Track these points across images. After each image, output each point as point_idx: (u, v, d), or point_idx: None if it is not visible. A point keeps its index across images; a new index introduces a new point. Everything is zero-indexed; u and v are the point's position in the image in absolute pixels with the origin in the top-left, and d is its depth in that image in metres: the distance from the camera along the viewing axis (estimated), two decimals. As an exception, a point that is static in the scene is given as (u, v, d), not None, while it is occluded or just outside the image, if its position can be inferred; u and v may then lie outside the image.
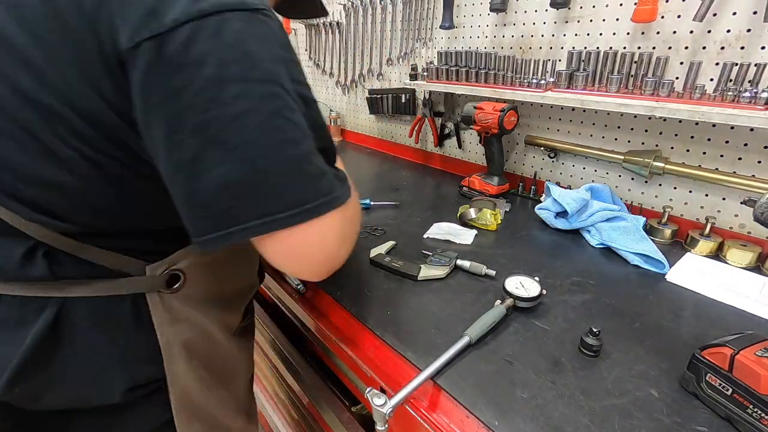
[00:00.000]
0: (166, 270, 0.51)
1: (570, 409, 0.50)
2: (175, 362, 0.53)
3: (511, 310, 0.67)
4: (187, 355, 0.55)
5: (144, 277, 0.50)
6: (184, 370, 0.55)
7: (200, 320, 0.57)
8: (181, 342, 0.54)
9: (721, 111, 0.75)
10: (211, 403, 0.60)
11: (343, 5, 1.67)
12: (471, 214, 1.00)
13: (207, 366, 0.59)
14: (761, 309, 0.69)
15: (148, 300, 0.50)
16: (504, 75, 1.10)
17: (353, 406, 0.87)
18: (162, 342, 0.52)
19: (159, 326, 0.51)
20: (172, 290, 0.52)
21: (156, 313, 0.51)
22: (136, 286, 0.49)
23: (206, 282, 0.56)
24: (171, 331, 0.52)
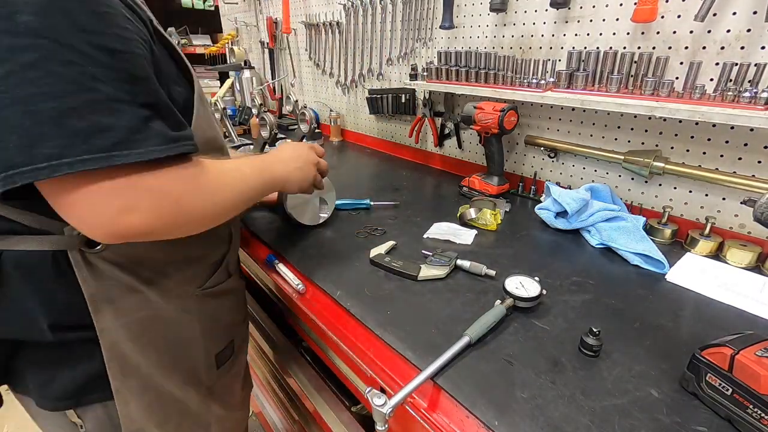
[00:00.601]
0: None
1: (570, 409, 0.50)
2: (102, 315, 0.58)
3: (511, 310, 0.67)
4: (113, 311, 0.59)
5: (63, 236, 0.54)
6: (112, 325, 0.59)
7: (128, 281, 0.60)
8: (107, 297, 0.58)
9: (721, 111, 0.75)
10: (150, 364, 0.64)
11: (343, 5, 1.67)
12: (471, 214, 1.00)
13: (142, 327, 0.62)
14: (761, 309, 0.69)
15: (70, 256, 0.55)
16: (504, 75, 1.10)
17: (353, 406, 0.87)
18: (87, 294, 0.56)
19: (83, 280, 0.56)
20: (93, 250, 0.56)
21: (78, 269, 0.55)
22: (57, 244, 0.54)
23: (130, 247, 0.59)
24: (95, 285, 0.57)
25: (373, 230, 0.97)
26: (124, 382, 0.62)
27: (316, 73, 2.02)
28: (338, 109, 2.00)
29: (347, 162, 1.65)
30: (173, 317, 0.66)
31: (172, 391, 0.68)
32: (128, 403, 0.63)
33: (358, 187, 1.32)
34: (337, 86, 1.89)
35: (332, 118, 1.96)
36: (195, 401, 0.72)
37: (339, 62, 1.84)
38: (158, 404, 0.66)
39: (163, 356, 0.66)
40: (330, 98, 2.02)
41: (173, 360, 0.67)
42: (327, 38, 1.85)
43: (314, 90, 2.12)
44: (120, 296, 0.59)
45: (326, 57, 1.91)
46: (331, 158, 1.71)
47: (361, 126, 1.89)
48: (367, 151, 1.78)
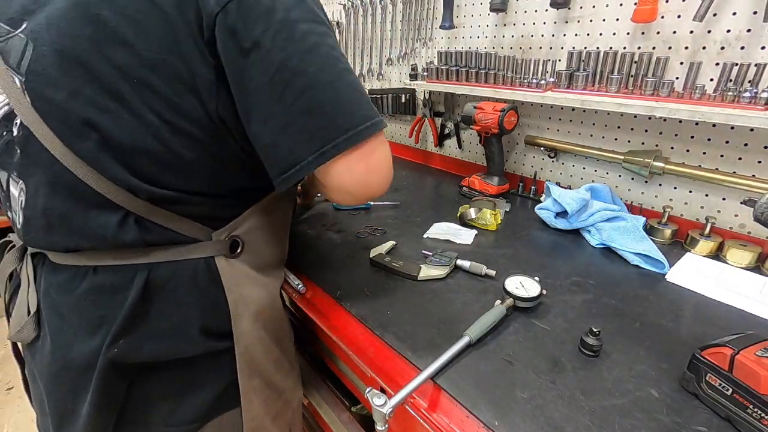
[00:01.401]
0: (227, 236, 0.59)
1: (570, 409, 0.50)
2: (242, 320, 0.60)
3: (511, 310, 0.67)
4: (251, 314, 0.61)
5: (211, 242, 0.57)
6: (248, 328, 0.61)
7: (263, 283, 0.64)
8: (246, 302, 0.60)
9: (721, 111, 0.75)
10: (269, 361, 0.66)
11: (343, 5, 1.67)
12: (471, 214, 1.00)
13: (265, 326, 0.65)
14: (761, 309, 0.69)
15: (217, 263, 0.58)
16: (504, 75, 1.10)
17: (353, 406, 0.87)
18: (230, 300, 0.58)
19: (228, 287, 0.58)
20: (234, 255, 0.60)
21: (224, 275, 0.58)
22: (206, 251, 0.57)
23: (261, 248, 0.64)
24: (238, 292, 0.59)
25: (373, 230, 0.97)
26: (250, 383, 0.63)
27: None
28: (338, 109, 1.99)
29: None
30: (280, 316, 0.70)
31: (279, 384, 0.69)
32: (252, 402, 0.63)
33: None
34: (337, 86, 1.89)
35: (332, 118, 1.96)
36: (290, 389, 0.73)
37: (339, 62, 1.83)
38: (273, 399, 0.68)
39: (276, 352, 0.68)
40: (330, 98, 2.02)
41: (281, 353, 0.70)
42: (327, 38, 1.85)
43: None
44: (257, 299, 0.62)
45: (326, 57, 1.90)
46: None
47: (361, 126, 1.89)
48: (367, 151, 1.78)
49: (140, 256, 0.53)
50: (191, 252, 0.56)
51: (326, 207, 1.13)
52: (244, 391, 0.62)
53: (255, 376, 0.63)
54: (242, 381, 0.61)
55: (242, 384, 0.61)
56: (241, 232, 0.60)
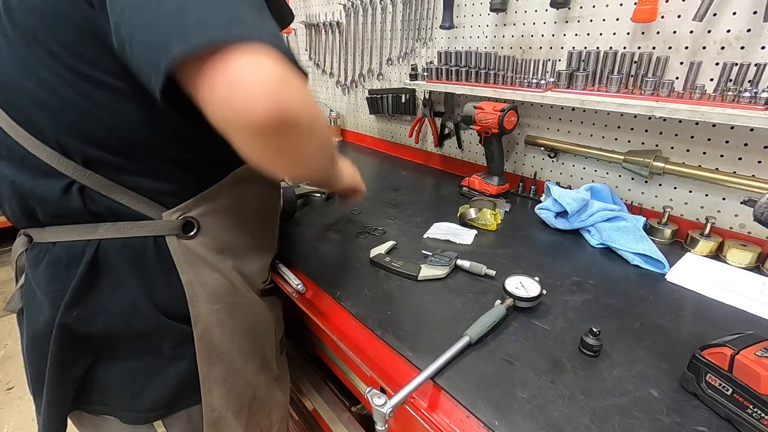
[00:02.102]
0: (180, 216, 0.58)
1: (570, 409, 0.50)
2: (198, 302, 0.59)
3: (511, 310, 0.67)
4: (208, 296, 0.60)
5: (162, 221, 0.57)
6: (205, 311, 0.60)
7: (220, 267, 0.62)
8: (202, 283, 0.60)
9: (721, 111, 0.75)
10: (233, 350, 0.65)
11: (343, 5, 1.67)
12: (471, 214, 1.00)
13: (229, 313, 0.64)
14: (761, 309, 0.69)
15: (168, 242, 0.57)
16: (504, 75, 1.10)
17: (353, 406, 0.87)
18: (184, 281, 0.58)
19: (180, 266, 0.58)
20: (188, 236, 0.59)
21: (176, 255, 0.57)
22: (156, 229, 0.56)
23: (222, 231, 0.62)
24: (192, 272, 0.59)
25: (373, 230, 0.97)
26: (211, 370, 0.62)
27: (316, 73, 2.02)
28: (338, 109, 2.00)
29: (347, 162, 1.65)
30: (253, 304, 0.69)
31: (248, 378, 0.69)
32: (212, 392, 0.63)
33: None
34: (337, 86, 1.89)
35: (332, 118, 1.96)
36: (263, 388, 0.73)
37: (339, 62, 1.84)
38: (237, 392, 0.67)
39: (244, 342, 0.67)
40: (330, 98, 2.02)
41: (252, 346, 0.69)
42: (327, 38, 1.85)
43: (314, 90, 2.12)
44: (213, 282, 0.61)
45: (326, 57, 1.91)
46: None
47: (361, 126, 1.89)
48: (367, 151, 1.78)
49: (89, 232, 0.55)
50: (138, 229, 0.56)
51: (326, 207, 1.13)
52: (203, 377, 0.61)
53: (216, 363, 0.63)
54: (201, 366, 0.61)
55: (201, 369, 0.61)
56: (196, 214, 0.59)
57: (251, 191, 0.66)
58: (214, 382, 0.63)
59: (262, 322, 0.71)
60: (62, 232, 0.55)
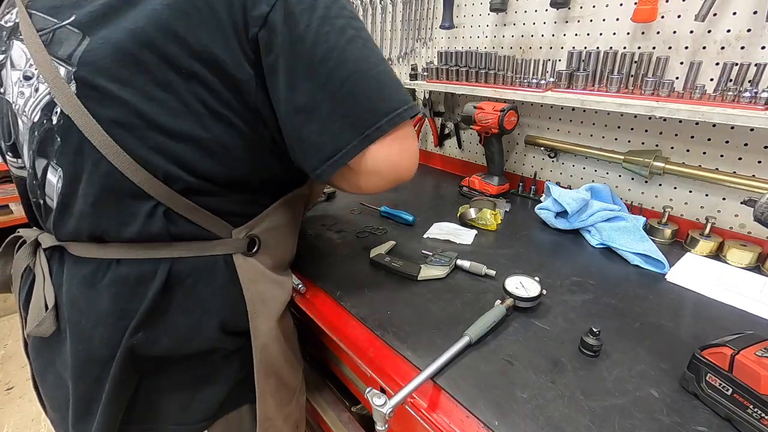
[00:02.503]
0: (246, 234, 0.60)
1: (570, 409, 0.50)
2: (258, 317, 0.60)
3: (511, 310, 0.67)
4: (268, 313, 0.62)
5: (231, 240, 0.59)
6: (265, 327, 0.61)
7: (278, 281, 0.65)
8: (262, 300, 0.61)
9: (721, 111, 0.75)
10: (283, 360, 0.67)
11: (343, 5, 1.67)
12: (471, 214, 1.00)
13: (282, 327, 0.66)
14: (761, 309, 0.69)
15: (235, 260, 0.59)
16: (504, 75, 1.10)
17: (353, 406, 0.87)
18: (247, 298, 0.59)
19: (245, 284, 0.59)
20: (251, 253, 0.61)
21: (242, 272, 0.59)
22: (226, 248, 0.58)
23: (276, 247, 0.65)
24: (254, 290, 0.60)
25: (373, 230, 0.97)
26: (266, 382, 0.63)
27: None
28: (338, 109, 1.99)
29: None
30: (289, 316, 0.72)
31: (291, 383, 0.70)
32: (267, 402, 0.64)
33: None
34: (337, 86, 1.89)
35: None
36: (299, 387, 0.75)
37: (339, 62, 1.83)
38: (286, 399, 0.69)
39: (288, 350, 0.69)
40: (330, 98, 2.02)
41: (293, 354, 0.71)
42: (327, 38, 1.85)
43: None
44: (272, 297, 0.63)
45: (326, 57, 1.90)
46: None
47: (361, 126, 1.89)
48: (367, 151, 1.78)
49: (163, 250, 0.54)
50: (212, 248, 0.57)
51: (326, 207, 1.13)
52: (260, 390, 0.62)
53: (271, 375, 0.64)
54: (259, 380, 0.62)
55: (259, 383, 0.62)
56: (258, 231, 0.62)
57: (295, 210, 0.70)
58: (269, 394, 0.64)
59: (292, 324, 0.73)
60: (131, 250, 0.54)
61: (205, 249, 0.57)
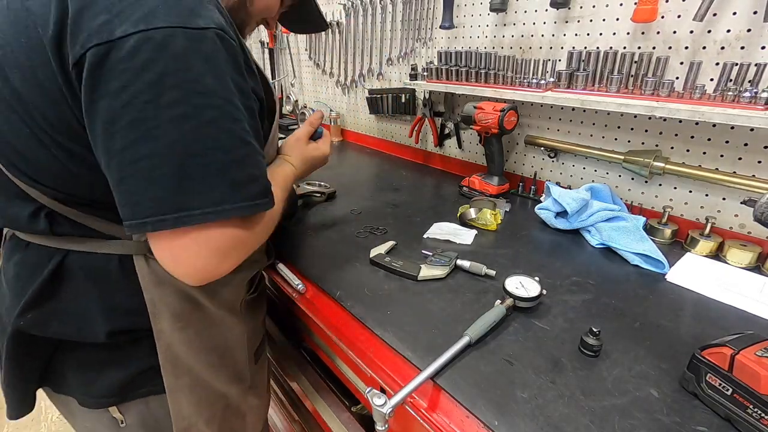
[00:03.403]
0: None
1: (570, 409, 0.50)
2: (160, 319, 0.59)
3: (511, 310, 0.67)
4: (171, 315, 0.60)
5: (131, 241, 0.57)
6: (168, 327, 0.60)
7: (186, 287, 0.61)
8: (166, 303, 0.59)
9: (721, 111, 0.75)
10: (199, 364, 0.65)
11: (343, 5, 1.67)
12: (471, 214, 1.00)
13: (196, 330, 0.64)
14: (761, 309, 0.69)
15: (135, 262, 0.57)
16: (504, 75, 1.10)
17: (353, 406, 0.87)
18: (147, 299, 0.58)
19: (144, 285, 0.58)
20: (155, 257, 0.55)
21: (142, 274, 0.57)
22: (124, 248, 0.57)
23: None
24: (156, 291, 0.58)
25: (373, 230, 0.97)
26: (177, 381, 0.63)
27: (316, 73, 2.02)
28: (338, 109, 2.00)
29: (347, 162, 1.65)
30: (224, 324, 0.68)
31: (218, 388, 0.69)
32: (180, 401, 0.64)
33: (358, 187, 1.32)
34: (337, 86, 1.89)
35: (332, 118, 1.96)
36: (236, 395, 0.73)
37: (339, 62, 1.84)
38: (207, 401, 0.68)
39: (212, 357, 0.67)
40: (330, 98, 2.02)
41: (221, 360, 0.69)
42: (327, 38, 1.85)
43: (314, 90, 2.12)
44: (179, 304, 0.61)
45: (326, 57, 1.91)
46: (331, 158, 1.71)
47: (361, 126, 1.89)
48: (367, 151, 1.78)
49: (59, 241, 0.56)
50: (106, 247, 0.57)
51: (326, 207, 1.13)
52: (169, 388, 0.63)
53: (182, 375, 0.64)
54: (167, 379, 0.62)
55: (167, 382, 0.62)
56: None
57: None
58: (181, 392, 0.64)
59: (234, 336, 0.70)
60: (36, 238, 0.57)
61: (98, 247, 0.57)
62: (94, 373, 0.62)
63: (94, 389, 0.62)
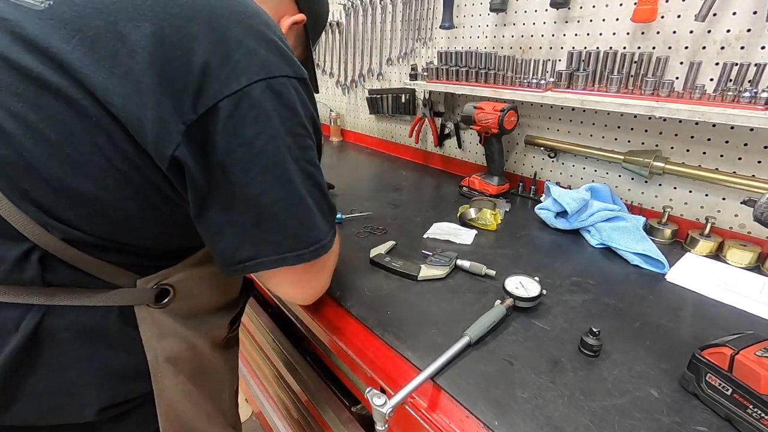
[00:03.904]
0: (157, 284, 0.51)
1: (570, 409, 0.50)
2: (162, 377, 0.52)
3: (511, 310, 0.67)
4: (173, 369, 0.54)
5: (134, 290, 0.49)
6: (171, 384, 0.54)
7: (187, 335, 0.56)
8: (168, 357, 0.53)
9: (721, 111, 0.75)
10: (199, 417, 0.60)
11: (343, 5, 1.67)
12: (471, 214, 1.00)
13: (194, 380, 0.58)
14: (761, 309, 0.69)
15: (137, 313, 0.49)
16: (504, 75, 1.10)
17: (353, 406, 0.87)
18: (149, 357, 0.51)
19: (146, 341, 0.50)
20: (160, 305, 0.51)
21: (144, 327, 0.50)
22: (125, 299, 0.48)
23: (195, 297, 0.57)
24: (158, 346, 0.52)
25: (373, 230, 0.97)
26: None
27: (316, 73, 2.02)
28: (338, 109, 2.00)
29: (347, 162, 1.65)
30: (214, 365, 0.63)
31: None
32: None
33: (358, 187, 1.32)
34: (337, 86, 1.89)
35: (332, 118, 1.96)
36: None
37: (339, 62, 1.84)
38: None
39: (208, 406, 0.62)
40: (330, 98, 2.02)
41: (214, 408, 0.64)
42: (327, 38, 1.85)
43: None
44: (179, 352, 0.55)
45: (326, 57, 1.91)
46: (331, 158, 1.71)
47: (361, 126, 1.89)
48: (367, 151, 1.78)
49: (36, 295, 0.44)
50: (104, 298, 0.47)
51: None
52: None
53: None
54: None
55: None
56: (174, 280, 0.52)
57: None
58: None
59: (221, 378, 0.66)
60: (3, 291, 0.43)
61: (94, 299, 0.46)
62: None
63: None
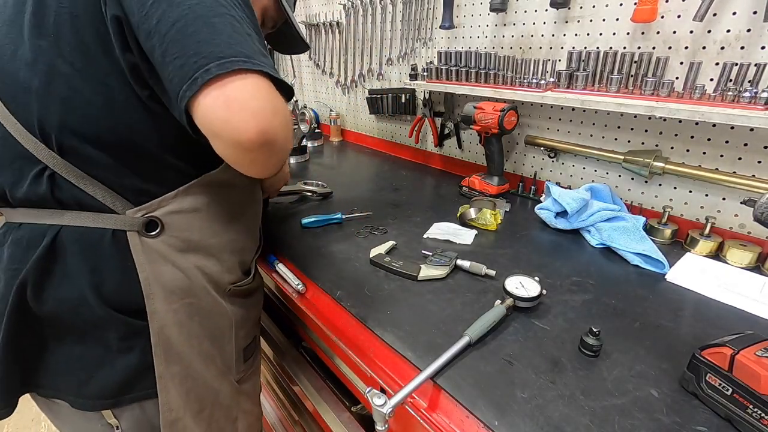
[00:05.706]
0: (144, 215, 0.59)
1: (570, 409, 0.50)
2: (155, 299, 0.59)
3: (511, 310, 0.67)
4: (166, 295, 0.60)
5: (125, 217, 0.58)
6: (162, 309, 0.60)
7: (182, 266, 0.62)
8: (160, 281, 0.60)
9: (721, 111, 0.75)
10: (192, 352, 0.65)
11: (343, 5, 1.67)
12: (471, 214, 1.00)
13: (188, 314, 0.63)
14: (761, 309, 0.69)
15: (129, 238, 0.58)
16: (504, 75, 1.10)
17: (353, 406, 0.87)
18: (142, 278, 0.58)
19: (139, 263, 0.58)
20: (150, 235, 0.59)
21: (136, 251, 0.58)
22: (117, 223, 0.57)
23: (188, 232, 0.62)
24: (150, 269, 0.59)
25: (373, 230, 0.97)
26: (168, 368, 0.62)
27: (316, 73, 2.02)
28: (338, 109, 2.00)
29: (347, 162, 1.65)
30: (213, 308, 0.67)
31: (209, 381, 0.68)
32: (169, 391, 0.63)
33: (358, 187, 1.32)
34: (337, 86, 1.89)
35: (332, 118, 1.96)
36: (227, 393, 0.72)
37: (339, 62, 1.84)
38: (195, 393, 0.66)
39: (204, 345, 0.67)
40: (330, 98, 2.02)
41: (211, 349, 0.68)
42: (327, 38, 1.85)
43: (314, 90, 2.12)
44: (172, 280, 0.61)
45: (326, 57, 1.91)
46: (331, 158, 1.71)
47: (361, 126, 1.89)
48: (367, 151, 1.78)
49: (53, 217, 0.57)
50: (101, 221, 0.57)
51: (326, 207, 1.13)
52: (159, 374, 0.61)
53: (173, 362, 0.62)
54: (157, 363, 0.61)
55: (157, 366, 0.61)
56: (161, 214, 0.60)
57: (224, 194, 0.67)
58: (171, 381, 0.63)
59: (223, 325, 0.70)
60: (30, 215, 0.57)
61: (93, 221, 0.57)
62: (88, 372, 0.60)
63: (87, 390, 0.60)
